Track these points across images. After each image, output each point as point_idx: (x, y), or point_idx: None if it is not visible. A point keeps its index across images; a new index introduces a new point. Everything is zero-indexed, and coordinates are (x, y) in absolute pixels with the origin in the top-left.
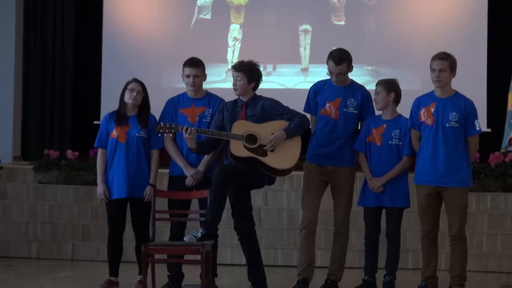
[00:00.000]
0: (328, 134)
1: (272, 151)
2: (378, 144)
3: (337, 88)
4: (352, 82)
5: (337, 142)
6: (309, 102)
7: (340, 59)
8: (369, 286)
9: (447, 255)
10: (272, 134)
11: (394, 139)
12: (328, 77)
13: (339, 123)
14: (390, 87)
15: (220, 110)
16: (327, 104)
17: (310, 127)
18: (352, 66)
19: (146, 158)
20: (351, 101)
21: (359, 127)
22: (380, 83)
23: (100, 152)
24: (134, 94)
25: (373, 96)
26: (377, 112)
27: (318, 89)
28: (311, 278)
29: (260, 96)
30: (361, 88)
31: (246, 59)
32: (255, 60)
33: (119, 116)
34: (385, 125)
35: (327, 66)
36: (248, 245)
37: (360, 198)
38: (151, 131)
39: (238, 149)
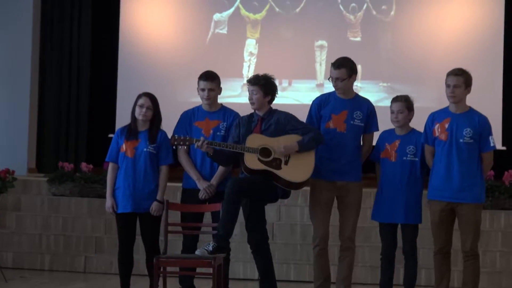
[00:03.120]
0: (335, 148)
1: (286, 164)
2: (393, 160)
3: (343, 100)
4: (357, 95)
5: (346, 156)
6: (311, 116)
7: (340, 64)
8: None
9: (460, 272)
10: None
11: (409, 155)
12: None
13: (346, 136)
14: (411, 105)
15: (237, 125)
16: (333, 117)
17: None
18: (354, 76)
19: (154, 173)
20: (357, 114)
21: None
22: (402, 100)
23: (110, 166)
24: (144, 110)
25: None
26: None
27: (322, 102)
28: None
29: (276, 110)
30: (366, 101)
31: (259, 73)
32: (270, 74)
33: (130, 131)
34: (399, 141)
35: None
36: (261, 259)
37: (374, 212)
38: (160, 147)
39: (252, 161)
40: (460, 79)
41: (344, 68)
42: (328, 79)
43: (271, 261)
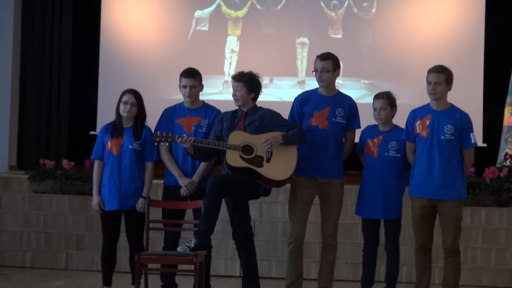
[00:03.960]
0: (317, 145)
1: (268, 161)
2: (375, 156)
3: (325, 97)
4: (339, 92)
5: (328, 153)
6: (293, 113)
7: (326, 56)
8: None
9: (441, 269)
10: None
11: (391, 151)
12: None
13: (329, 133)
14: (393, 102)
15: (220, 120)
16: (315, 114)
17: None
18: (338, 71)
19: (139, 170)
20: (339, 111)
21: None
22: (384, 97)
23: (96, 163)
24: (128, 107)
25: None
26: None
27: (304, 99)
28: None
29: (260, 107)
30: (348, 98)
31: (244, 70)
32: (255, 71)
33: (115, 128)
34: (381, 137)
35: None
36: (245, 255)
37: (357, 207)
38: (145, 144)
39: (234, 159)
40: (441, 76)
41: (330, 60)
42: (312, 72)
43: (255, 258)
